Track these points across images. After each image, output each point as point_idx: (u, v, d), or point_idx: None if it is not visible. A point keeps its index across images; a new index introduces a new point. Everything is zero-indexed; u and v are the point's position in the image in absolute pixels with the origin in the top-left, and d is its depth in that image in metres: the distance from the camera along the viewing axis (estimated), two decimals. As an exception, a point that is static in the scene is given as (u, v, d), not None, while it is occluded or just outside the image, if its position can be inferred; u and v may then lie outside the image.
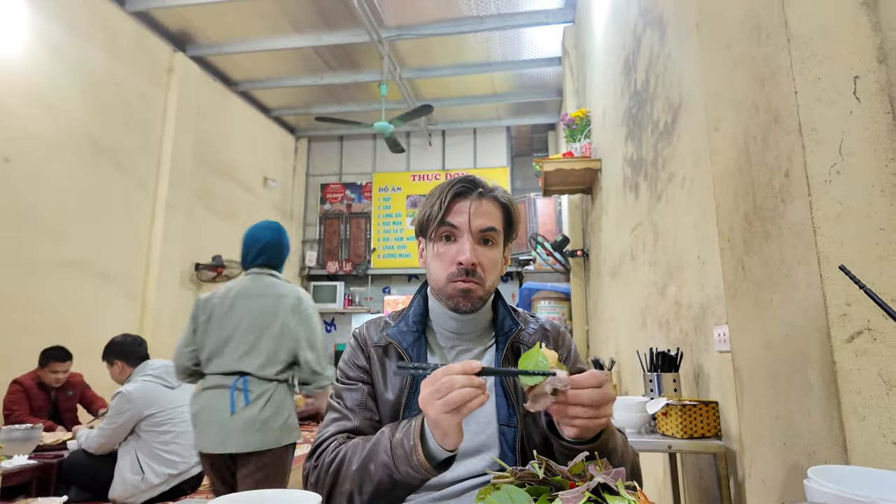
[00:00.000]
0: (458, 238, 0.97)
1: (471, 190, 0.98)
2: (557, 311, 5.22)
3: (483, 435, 0.94)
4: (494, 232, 0.98)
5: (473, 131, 8.35)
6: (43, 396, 3.62)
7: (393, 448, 0.82)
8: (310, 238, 8.57)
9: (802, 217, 0.90)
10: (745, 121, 1.12)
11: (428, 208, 0.99)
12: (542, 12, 5.32)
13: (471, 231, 0.96)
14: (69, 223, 4.53)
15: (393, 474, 0.82)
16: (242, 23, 5.54)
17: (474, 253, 0.95)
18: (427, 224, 0.99)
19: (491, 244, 0.98)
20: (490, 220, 0.98)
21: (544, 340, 1.04)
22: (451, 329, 1.03)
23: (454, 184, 0.99)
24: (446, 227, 0.97)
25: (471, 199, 0.98)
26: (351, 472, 0.87)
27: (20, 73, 4.17)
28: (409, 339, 1.01)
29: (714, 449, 1.56)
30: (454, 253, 0.96)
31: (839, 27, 0.93)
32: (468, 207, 0.97)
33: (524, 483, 0.67)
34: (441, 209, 0.97)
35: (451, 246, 0.97)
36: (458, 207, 0.97)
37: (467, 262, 0.94)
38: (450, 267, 0.96)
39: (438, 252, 0.98)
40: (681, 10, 1.97)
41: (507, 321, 1.03)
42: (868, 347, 0.83)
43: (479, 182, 1.00)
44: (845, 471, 0.58)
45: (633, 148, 2.81)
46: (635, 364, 2.44)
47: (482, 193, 0.99)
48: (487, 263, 0.97)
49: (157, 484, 2.70)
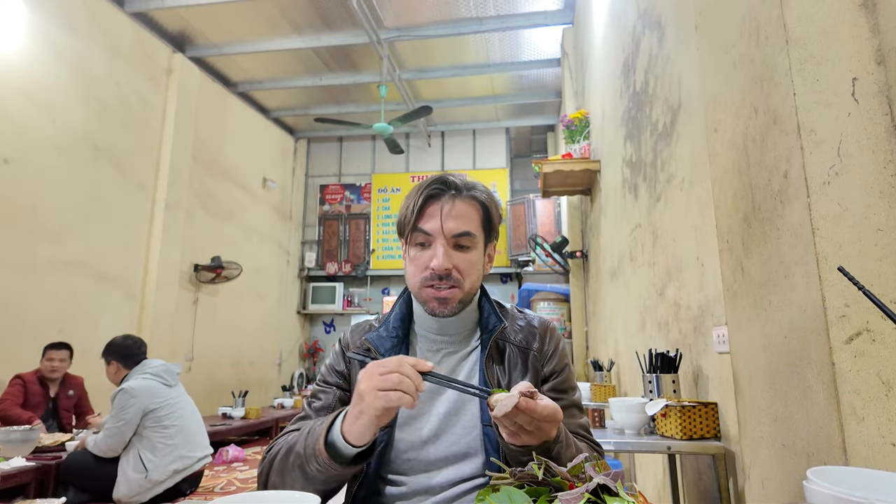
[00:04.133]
0: (432, 243, 0.93)
1: (443, 192, 0.94)
2: (557, 313, 5.23)
3: (468, 437, 0.92)
4: (469, 237, 0.94)
5: (473, 132, 8.35)
6: (41, 392, 3.63)
7: (307, 441, 0.83)
8: (309, 239, 8.57)
9: (801, 218, 0.91)
10: (743, 122, 1.12)
11: (403, 211, 0.96)
12: (541, 14, 5.33)
13: (444, 236, 0.92)
14: (68, 224, 4.53)
15: (304, 466, 0.82)
16: (242, 24, 5.54)
17: (448, 258, 0.92)
18: (403, 227, 0.97)
19: (467, 248, 0.95)
20: (464, 224, 0.94)
21: (530, 337, 1.01)
22: (434, 331, 1.00)
23: (426, 185, 0.95)
24: (419, 233, 0.94)
25: (442, 203, 0.94)
26: (277, 462, 0.87)
27: (19, 74, 4.17)
28: (387, 344, 0.99)
29: (713, 450, 1.56)
30: (427, 258, 0.93)
31: (837, 29, 0.93)
32: (440, 211, 0.93)
33: (523, 484, 0.67)
34: (413, 213, 0.93)
35: (425, 251, 0.94)
36: (430, 211, 0.94)
37: (439, 269, 0.91)
38: (423, 272, 0.93)
39: (412, 257, 0.96)
40: (679, 12, 1.97)
41: (491, 318, 1.00)
42: (867, 349, 0.83)
43: (451, 182, 0.96)
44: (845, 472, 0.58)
45: (632, 149, 2.81)
46: (634, 365, 2.44)
47: (455, 195, 0.95)
48: (464, 266, 0.94)
49: (160, 480, 2.70)
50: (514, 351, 0.99)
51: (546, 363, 1.00)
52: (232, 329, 6.72)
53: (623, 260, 3.13)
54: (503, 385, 0.95)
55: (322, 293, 8.17)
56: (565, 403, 0.98)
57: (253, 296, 7.15)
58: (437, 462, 0.92)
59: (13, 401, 3.45)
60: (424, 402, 0.96)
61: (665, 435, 1.66)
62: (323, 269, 8.29)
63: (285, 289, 7.99)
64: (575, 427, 0.97)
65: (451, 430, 0.93)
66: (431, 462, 0.92)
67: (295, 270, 8.31)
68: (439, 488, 0.90)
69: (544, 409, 0.75)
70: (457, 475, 0.91)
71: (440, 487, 0.90)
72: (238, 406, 5.35)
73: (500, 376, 0.96)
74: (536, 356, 1.00)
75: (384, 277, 8.27)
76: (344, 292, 8.18)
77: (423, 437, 0.93)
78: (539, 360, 1.00)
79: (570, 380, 1.02)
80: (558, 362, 1.01)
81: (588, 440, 0.98)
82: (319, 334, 8.40)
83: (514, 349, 0.99)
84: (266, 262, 7.55)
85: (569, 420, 0.97)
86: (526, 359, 0.99)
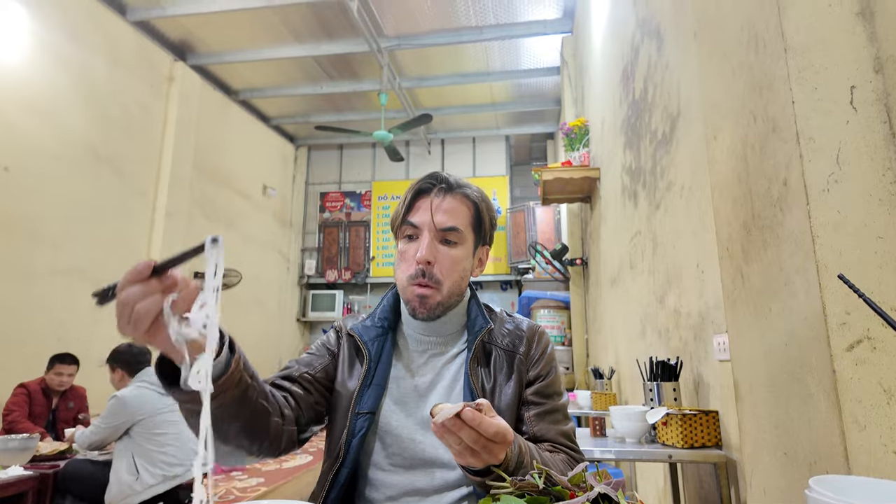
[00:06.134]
0: (419, 236, 0.93)
1: (433, 186, 0.95)
2: (557, 320, 5.22)
3: None
4: (456, 232, 0.93)
5: (472, 140, 8.38)
6: (44, 403, 3.60)
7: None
8: (309, 246, 8.57)
9: (801, 226, 0.91)
10: (743, 130, 1.12)
11: (397, 207, 0.97)
12: (541, 23, 5.36)
13: (430, 229, 0.92)
14: (68, 231, 4.53)
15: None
16: (243, 32, 5.57)
17: (432, 250, 0.91)
18: (394, 222, 0.97)
19: (454, 244, 0.93)
20: (452, 219, 0.93)
21: (517, 341, 1.00)
22: (419, 332, 0.99)
23: (419, 181, 0.96)
24: (408, 227, 0.94)
25: (432, 196, 0.94)
26: None
27: (21, 82, 4.19)
28: (371, 333, 0.98)
29: (715, 458, 1.55)
30: (413, 251, 0.92)
31: (835, 37, 0.93)
32: (429, 204, 0.93)
33: (524, 493, 0.66)
34: (403, 207, 0.94)
35: (412, 244, 0.93)
36: (419, 205, 0.94)
37: (422, 259, 0.90)
38: (410, 267, 0.92)
39: (400, 251, 0.95)
40: (678, 21, 1.99)
41: (478, 321, 0.99)
42: (868, 356, 0.83)
43: (443, 178, 0.95)
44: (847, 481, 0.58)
45: (632, 157, 2.82)
46: (635, 373, 2.44)
47: (446, 189, 0.94)
48: (447, 263, 0.92)
49: (152, 484, 2.69)
50: (501, 354, 0.98)
51: (532, 367, 0.99)
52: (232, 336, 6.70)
53: (623, 267, 3.13)
54: (487, 389, 0.93)
55: (322, 300, 8.17)
56: (548, 408, 0.96)
57: (253, 303, 7.13)
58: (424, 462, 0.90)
59: (21, 412, 3.43)
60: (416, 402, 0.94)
61: (666, 443, 1.65)
62: (323, 277, 8.29)
63: (285, 296, 7.98)
64: (555, 435, 0.95)
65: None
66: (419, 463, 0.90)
67: (295, 278, 8.30)
68: (431, 493, 0.88)
69: (490, 425, 0.68)
70: (448, 481, 0.89)
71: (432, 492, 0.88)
72: (237, 414, 5.32)
73: (485, 379, 0.95)
74: (522, 360, 0.98)
75: (384, 285, 8.26)
76: (344, 300, 8.17)
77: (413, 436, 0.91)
78: (525, 363, 0.98)
79: (555, 384, 1.00)
80: (544, 366, 0.99)
81: (568, 449, 0.95)
82: (319, 342, 8.39)
83: (500, 352, 0.98)
84: (266, 269, 7.54)
85: (551, 426, 0.95)
86: (512, 362, 0.98)
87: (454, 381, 0.96)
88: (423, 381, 0.96)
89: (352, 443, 0.89)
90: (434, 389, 0.95)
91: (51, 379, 3.60)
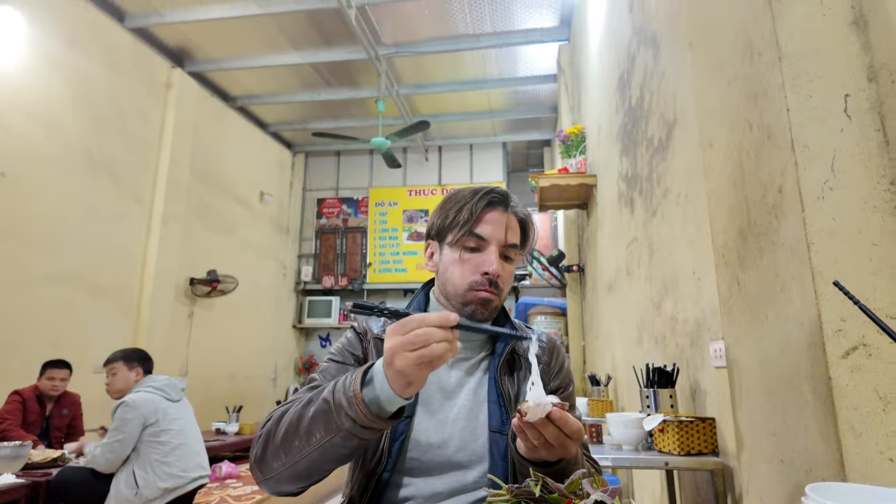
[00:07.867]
0: (485, 248, 0.96)
1: (502, 202, 0.98)
2: (553, 327, 5.22)
3: (475, 444, 0.91)
4: (516, 249, 0.99)
5: (470, 147, 8.40)
6: (38, 410, 3.58)
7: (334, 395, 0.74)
8: (305, 253, 8.55)
9: (796, 233, 0.91)
10: (738, 137, 1.13)
11: (454, 214, 0.97)
12: (538, 30, 5.39)
13: (500, 244, 0.96)
14: (64, 237, 4.52)
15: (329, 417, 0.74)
16: (241, 39, 5.59)
17: (500, 265, 0.95)
18: (449, 229, 0.97)
19: (511, 260, 0.99)
20: (515, 237, 0.99)
21: (540, 352, 1.02)
22: None
23: (486, 192, 0.98)
24: (474, 238, 0.95)
25: (501, 212, 0.98)
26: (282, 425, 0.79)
27: (18, 88, 4.19)
28: None
29: (711, 465, 1.55)
30: (479, 262, 0.95)
31: (829, 46, 0.94)
32: (499, 220, 0.97)
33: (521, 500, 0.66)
34: (472, 217, 0.95)
35: (477, 255, 0.96)
36: (488, 218, 0.97)
37: (494, 274, 0.94)
38: (473, 275, 0.95)
39: (463, 259, 0.96)
40: (674, 29, 2.00)
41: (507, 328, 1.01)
42: (863, 363, 0.83)
43: (508, 195, 1.00)
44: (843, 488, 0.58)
45: (628, 164, 2.83)
46: (631, 380, 2.43)
47: (513, 207, 1.00)
48: (506, 277, 0.98)
49: (151, 498, 2.66)
50: (524, 363, 1.01)
51: (553, 378, 1.03)
52: (227, 343, 6.67)
53: (619, 274, 3.13)
54: (512, 396, 0.96)
55: (318, 307, 8.14)
56: None
57: (249, 310, 7.11)
58: (440, 466, 0.90)
59: (14, 420, 3.40)
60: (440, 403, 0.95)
61: (663, 450, 1.65)
62: (319, 283, 8.27)
63: (281, 303, 7.96)
64: None
65: (458, 436, 0.92)
66: (435, 466, 0.90)
67: (291, 284, 8.28)
68: (441, 495, 0.89)
69: (573, 423, 0.73)
70: (458, 483, 0.89)
71: (444, 496, 0.89)
72: (232, 421, 5.28)
73: (510, 387, 0.97)
74: (545, 370, 1.02)
75: (381, 291, 8.25)
76: (340, 306, 8.14)
77: (430, 439, 0.91)
78: (547, 374, 1.03)
79: (573, 396, 1.05)
80: (564, 378, 1.05)
81: (589, 458, 0.99)
82: (315, 349, 8.35)
83: (523, 361, 1.02)
84: (262, 275, 7.52)
85: None
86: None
87: (478, 388, 0.97)
88: (449, 382, 0.98)
89: (394, 446, 0.90)
90: (460, 392, 0.97)
91: (43, 384, 3.57)
